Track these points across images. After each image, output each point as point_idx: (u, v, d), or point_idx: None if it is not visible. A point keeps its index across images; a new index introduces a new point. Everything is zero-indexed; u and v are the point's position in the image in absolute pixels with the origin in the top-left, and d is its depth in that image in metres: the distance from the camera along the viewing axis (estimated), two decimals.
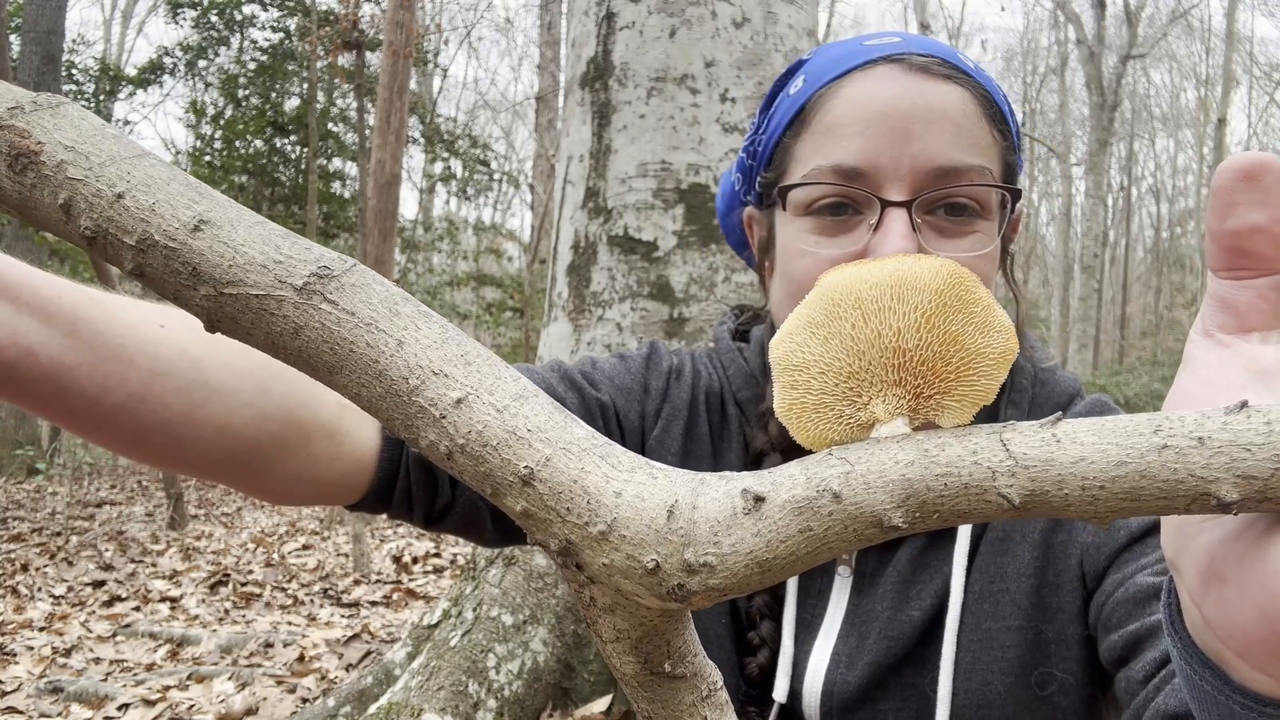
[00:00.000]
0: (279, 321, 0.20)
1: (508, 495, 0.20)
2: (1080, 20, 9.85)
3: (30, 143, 0.21)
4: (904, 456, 0.18)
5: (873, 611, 0.47)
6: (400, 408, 0.20)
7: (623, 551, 0.19)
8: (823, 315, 0.21)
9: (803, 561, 0.19)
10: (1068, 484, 0.17)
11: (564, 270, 1.56)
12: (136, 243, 0.20)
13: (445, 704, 1.31)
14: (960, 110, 0.41)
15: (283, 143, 9.82)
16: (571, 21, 1.65)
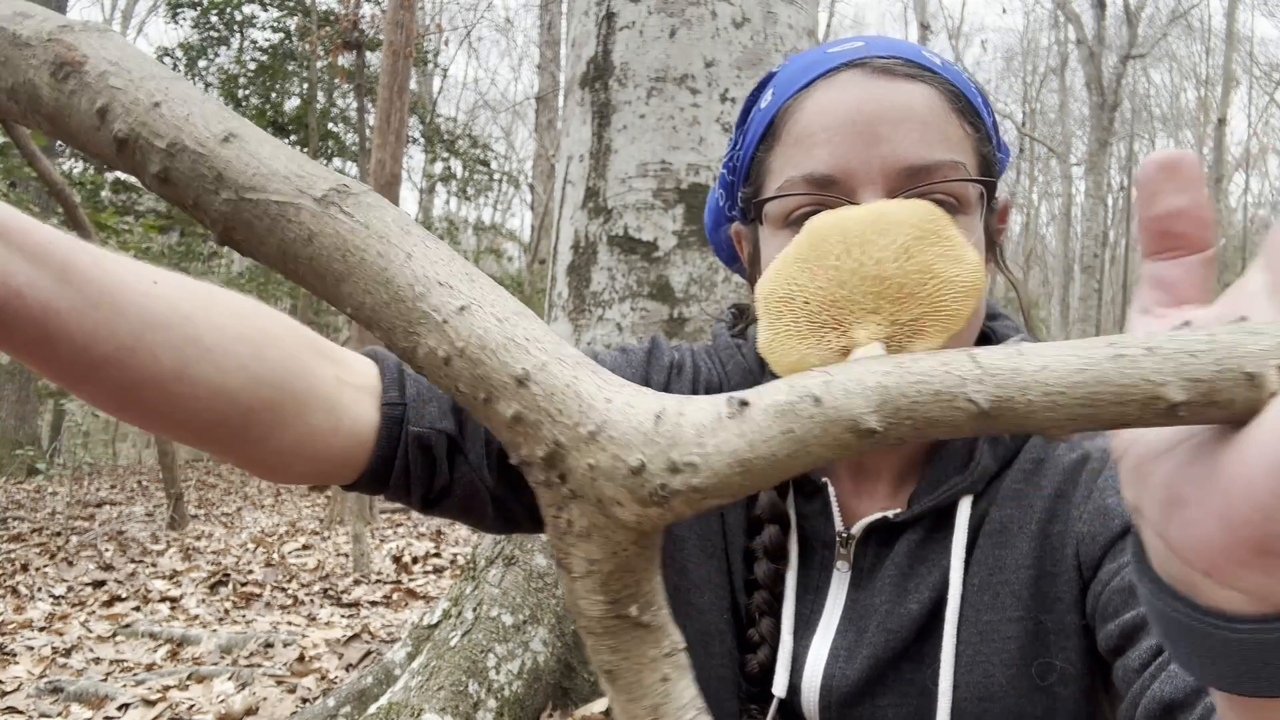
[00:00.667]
0: (294, 228, 0.21)
1: (501, 399, 0.21)
2: (1080, 20, 9.85)
3: (76, 54, 0.22)
4: (881, 368, 0.19)
5: (871, 605, 0.47)
6: (404, 314, 0.21)
7: (609, 452, 0.20)
8: (809, 250, 0.22)
9: (783, 465, 0.19)
10: (1031, 390, 0.18)
11: (564, 270, 1.56)
12: (167, 146, 0.21)
13: (445, 704, 1.31)
14: (927, 108, 0.41)
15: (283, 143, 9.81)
16: (571, 21, 1.65)
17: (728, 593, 0.50)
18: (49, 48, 0.22)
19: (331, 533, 4.28)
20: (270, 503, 5.73)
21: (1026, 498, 0.45)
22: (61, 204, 4.10)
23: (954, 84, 0.43)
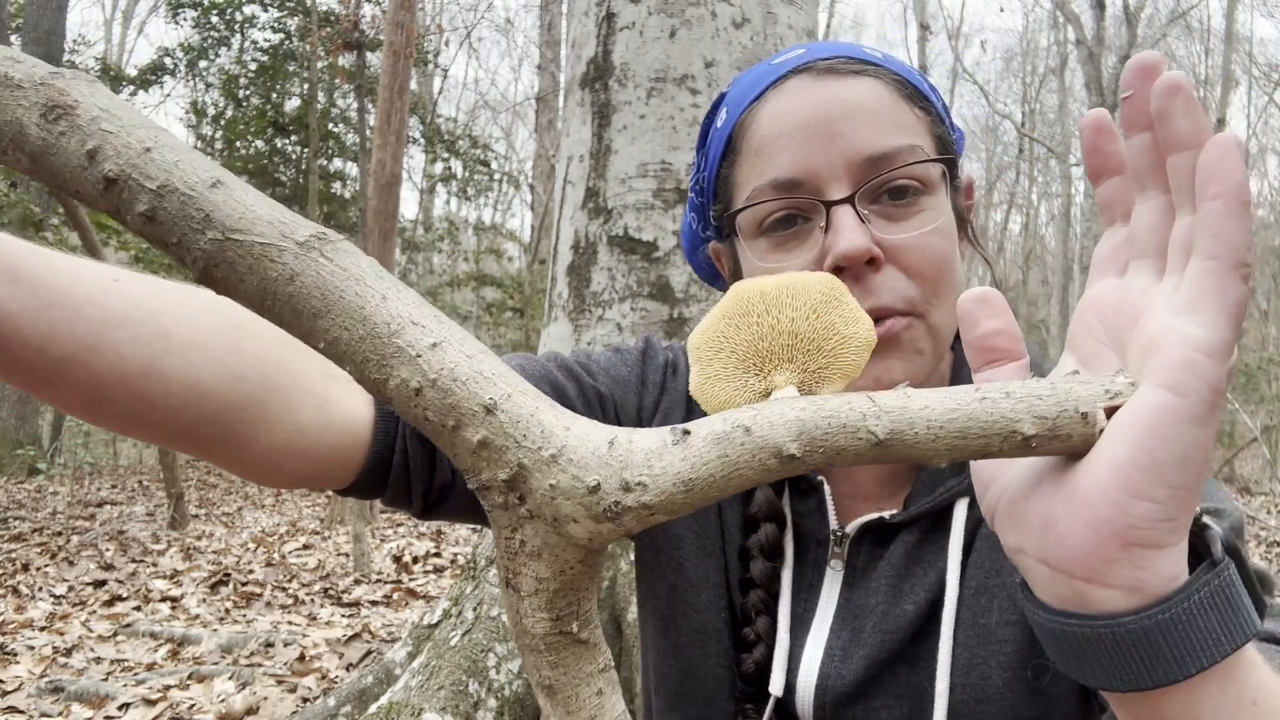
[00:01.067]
0: (276, 268, 0.23)
1: (469, 425, 0.23)
2: (1079, 21, 9.86)
3: (69, 99, 0.23)
4: (798, 405, 0.24)
5: (866, 605, 0.47)
6: (378, 349, 0.23)
7: (569, 473, 0.23)
8: (735, 310, 0.27)
9: (719, 484, 0.23)
10: (916, 424, 0.23)
11: (564, 270, 1.56)
12: (157, 188, 0.23)
13: (446, 703, 1.31)
14: (876, 99, 0.42)
15: (283, 143, 9.82)
16: (571, 22, 1.65)
17: (724, 591, 0.50)
18: (41, 90, 0.23)
19: (332, 532, 4.28)
20: (271, 502, 5.73)
21: None
22: (62, 204, 4.10)
23: (898, 73, 0.44)
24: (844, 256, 0.40)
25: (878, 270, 0.41)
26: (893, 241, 0.41)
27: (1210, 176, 0.22)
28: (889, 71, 0.44)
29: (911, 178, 0.42)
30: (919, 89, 0.45)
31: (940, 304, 0.42)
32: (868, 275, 0.41)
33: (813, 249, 0.42)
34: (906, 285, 0.41)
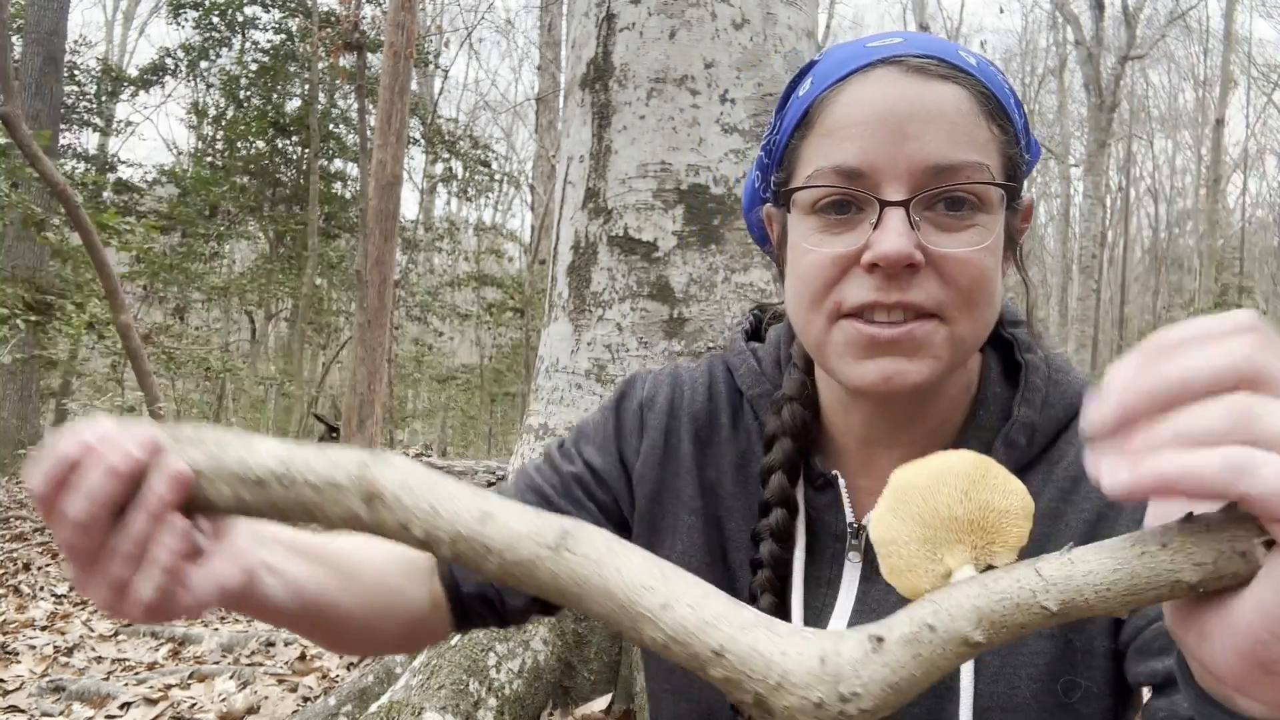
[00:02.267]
0: (543, 572, 0.30)
1: (711, 667, 0.28)
2: (1079, 21, 9.86)
3: (376, 487, 0.31)
4: (971, 592, 0.26)
5: (886, 600, 0.47)
6: (627, 616, 0.29)
7: (795, 695, 0.27)
8: (896, 504, 0.30)
9: (920, 681, 0.27)
10: (1084, 591, 0.25)
11: (564, 270, 1.56)
12: (450, 539, 0.31)
13: (446, 702, 1.32)
14: (956, 109, 0.42)
15: (284, 143, 9.83)
16: (572, 23, 1.66)
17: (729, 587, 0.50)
18: (359, 485, 0.32)
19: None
20: None
21: (1064, 516, 0.45)
22: (63, 204, 4.11)
23: (986, 85, 0.44)
24: (883, 257, 0.41)
25: (915, 272, 0.42)
26: (936, 250, 0.42)
27: None
28: (978, 82, 0.43)
29: (971, 193, 0.42)
30: (1003, 105, 0.44)
31: (969, 315, 0.43)
32: (904, 274, 0.42)
33: (859, 240, 0.42)
34: (940, 291, 0.42)
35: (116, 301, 4.25)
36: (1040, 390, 0.48)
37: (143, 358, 4.39)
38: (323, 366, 11.07)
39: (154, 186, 9.92)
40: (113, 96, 9.88)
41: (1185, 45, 17.44)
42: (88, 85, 9.60)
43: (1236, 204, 17.58)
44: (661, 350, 1.43)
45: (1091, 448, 0.26)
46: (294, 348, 9.74)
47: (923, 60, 0.43)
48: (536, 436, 1.53)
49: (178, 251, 9.16)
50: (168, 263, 8.51)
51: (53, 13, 7.38)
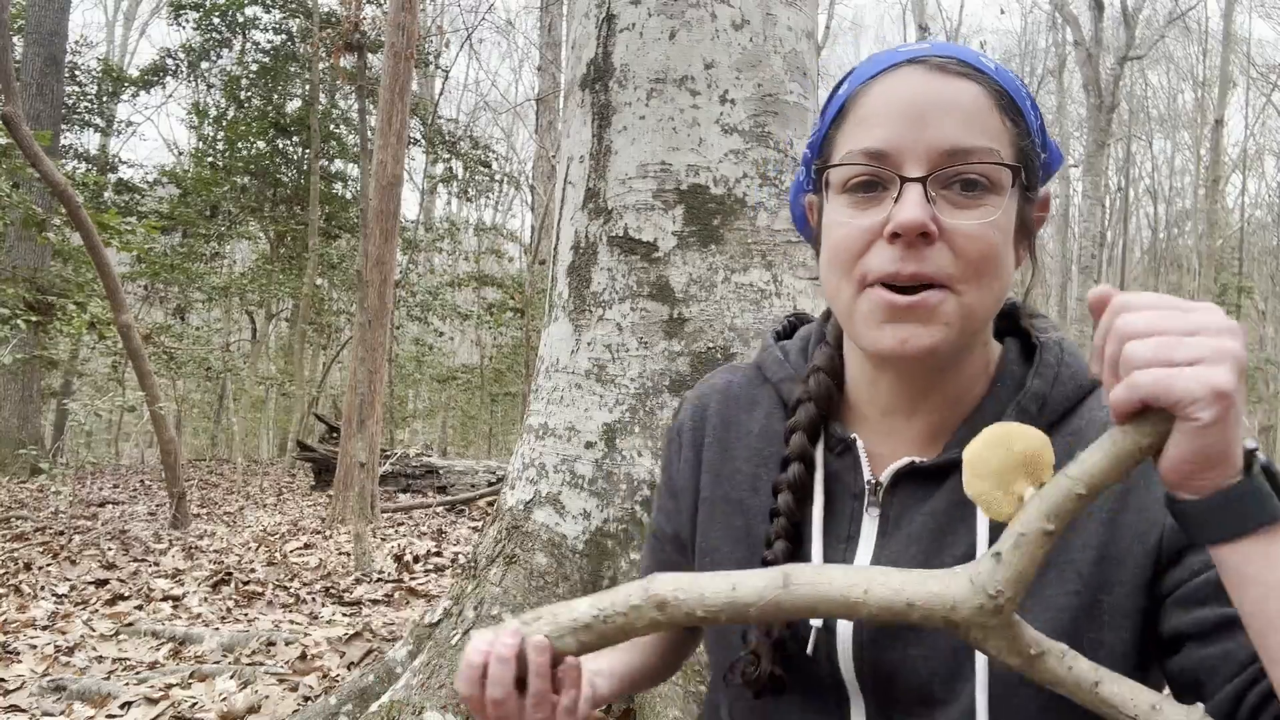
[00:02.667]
0: (785, 604, 0.41)
1: (908, 615, 0.39)
2: (1078, 22, 9.86)
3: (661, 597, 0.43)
4: (1035, 504, 0.39)
5: (904, 554, 0.51)
6: (846, 606, 0.40)
7: (966, 608, 0.39)
8: (973, 468, 0.40)
9: (1029, 568, 0.38)
10: (1094, 473, 0.38)
11: (564, 270, 1.57)
12: (721, 609, 0.42)
13: (447, 701, 1.32)
14: (971, 101, 0.48)
15: (285, 144, 9.82)
16: (572, 24, 1.66)
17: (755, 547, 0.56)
18: (650, 600, 0.42)
19: (333, 532, 4.29)
20: (272, 502, 5.74)
21: None
22: (64, 205, 4.11)
23: (1000, 84, 0.49)
24: (901, 225, 0.46)
25: (930, 244, 0.47)
26: (949, 225, 0.47)
27: None
28: (993, 81, 0.49)
29: (982, 174, 0.47)
30: (1017, 103, 0.50)
31: (977, 287, 0.48)
32: (919, 245, 0.47)
33: (882, 213, 0.48)
34: (950, 263, 0.47)
35: (117, 301, 4.26)
36: (1053, 367, 0.52)
37: (143, 358, 4.39)
38: (323, 366, 11.07)
39: (155, 187, 9.93)
40: (113, 97, 9.88)
41: (1184, 46, 17.44)
42: (89, 86, 9.60)
43: (1235, 204, 17.57)
44: (661, 350, 1.44)
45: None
46: (295, 348, 9.74)
47: (944, 60, 0.49)
48: (536, 436, 1.53)
49: (178, 252, 9.17)
50: (168, 263, 8.51)
51: (53, 13, 7.39)
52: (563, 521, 1.43)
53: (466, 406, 12.01)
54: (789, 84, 1.53)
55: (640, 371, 1.44)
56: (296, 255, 9.74)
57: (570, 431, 1.47)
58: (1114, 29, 10.82)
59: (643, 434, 1.41)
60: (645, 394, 1.43)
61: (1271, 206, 18.36)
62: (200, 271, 8.90)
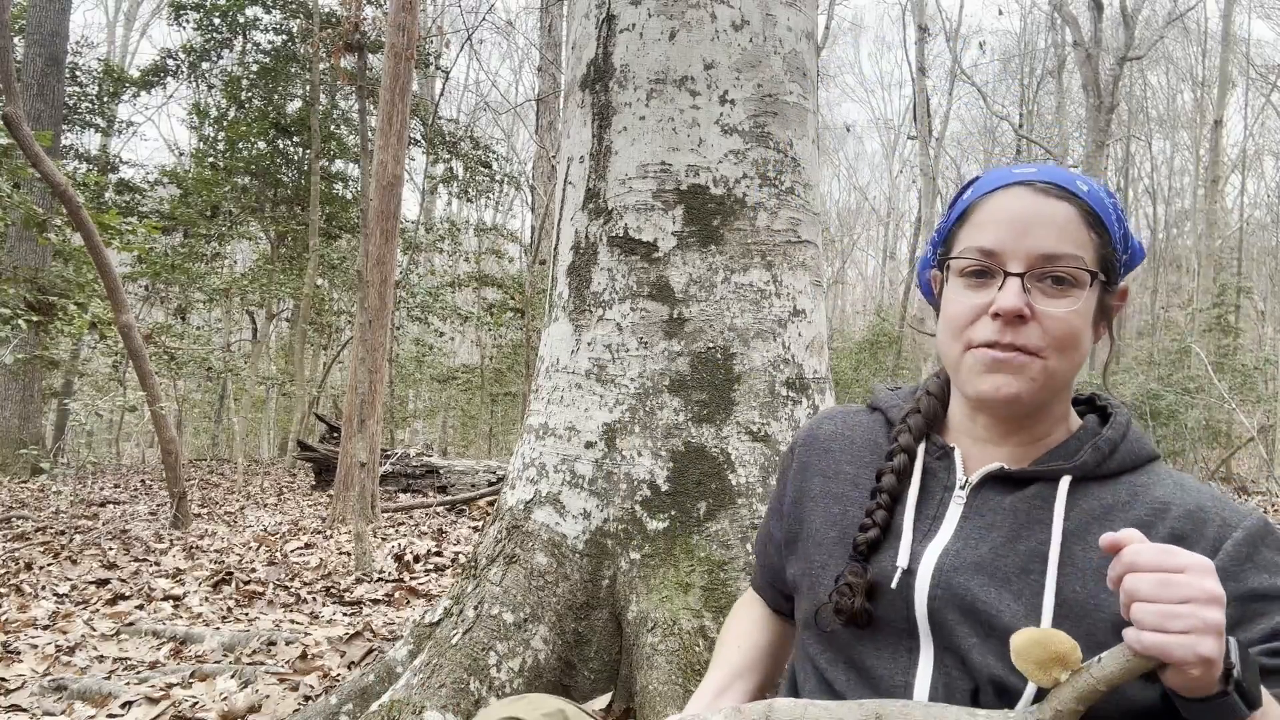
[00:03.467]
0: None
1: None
2: (1077, 22, 9.86)
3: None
4: (1067, 687, 0.52)
5: (985, 538, 0.63)
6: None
7: None
8: (1022, 656, 0.52)
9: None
10: (1109, 675, 0.50)
11: (564, 271, 1.57)
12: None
13: (447, 701, 1.32)
14: (1065, 218, 0.62)
15: (285, 144, 9.82)
16: (572, 24, 1.67)
17: (853, 516, 0.71)
18: None
19: (334, 531, 4.29)
20: (273, 502, 5.74)
21: (1151, 526, 0.61)
22: (65, 205, 4.12)
23: (1092, 205, 0.63)
24: (1002, 308, 0.60)
25: (1025, 323, 0.61)
26: (1041, 309, 0.61)
27: None
28: (1084, 202, 0.63)
29: (1067, 274, 0.61)
30: (1103, 219, 0.63)
31: (1058, 356, 0.61)
32: (1015, 323, 0.61)
33: (989, 295, 0.63)
34: (1039, 337, 0.61)
35: (118, 301, 4.26)
36: (1123, 427, 0.66)
37: (144, 358, 4.40)
38: (324, 366, 11.07)
39: (155, 187, 9.93)
40: (114, 97, 9.89)
41: (1183, 46, 17.44)
42: (89, 86, 9.60)
43: (1235, 204, 17.56)
44: (661, 350, 1.44)
45: None
46: (295, 348, 9.74)
47: (1047, 185, 0.63)
48: (536, 436, 1.54)
49: (179, 252, 9.17)
50: (169, 263, 8.51)
51: (54, 14, 7.39)
52: (563, 521, 1.44)
53: (467, 406, 12.01)
54: (789, 84, 1.53)
55: (640, 371, 1.44)
56: (297, 255, 9.74)
57: (570, 431, 1.47)
58: (1113, 29, 10.83)
59: (643, 434, 1.42)
60: (645, 394, 1.43)
61: (1271, 207, 18.36)
62: (201, 272, 8.91)
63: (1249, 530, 0.58)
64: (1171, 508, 0.61)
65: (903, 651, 0.64)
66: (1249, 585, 0.56)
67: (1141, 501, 0.62)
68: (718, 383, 1.42)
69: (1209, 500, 0.61)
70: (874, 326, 13.06)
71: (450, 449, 12.19)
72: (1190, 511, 0.60)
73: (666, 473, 1.39)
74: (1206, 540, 0.59)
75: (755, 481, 1.40)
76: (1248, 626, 0.56)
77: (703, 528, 1.37)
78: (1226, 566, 0.57)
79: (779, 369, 1.46)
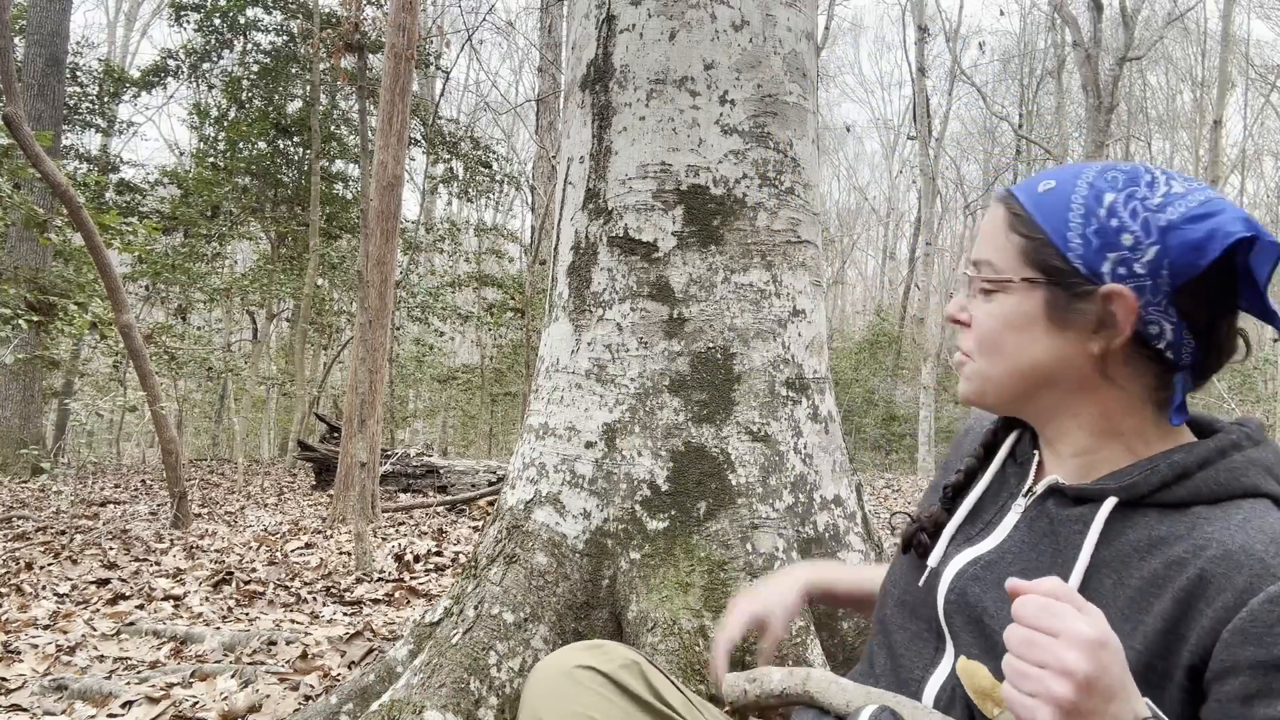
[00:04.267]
0: None
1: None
2: (1077, 23, 9.86)
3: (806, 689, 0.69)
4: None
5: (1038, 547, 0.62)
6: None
7: None
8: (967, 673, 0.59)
9: None
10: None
11: (564, 271, 1.57)
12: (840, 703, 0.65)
13: (447, 701, 1.32)
14: (991, 223, 0.63)
15: (286, 144, 9.82)
16: (572, 24, 1.67)
17: None
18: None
19: (334, 531, 4.29)
20: (273, 502, 5.75)
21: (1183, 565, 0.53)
22: (65, 205, 4.12)
23: (1022, 206, 0.61)
24: (944, 314, 0.66)
25: (966, 328, 0.64)
26: (972, 313, 0.64)
27: None
28: (1017, 204, 0.62)
29: (985, 280, 0.62)
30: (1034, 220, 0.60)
31: (983, 358, 0.63)
32: (960, 329, 0.64)
33: None
34: (969, 340, 0.64)
35: (118, 301, 4.26)
36: (1207, 453, 0.56)
37: (145, 358, 4.40)
38: (324, 366, 11.07)
39: (156, 187, 9.93)
40: (115, 97, 9.89)
41: (1183, 46, 17.43)
42: (90, 86, 9.61)
43: None
44: (661, 350, 1.44)
45: None
46: (295, 348, 9.74)
47: (1004, 192, 0.64)
48: (536, 436, 1.54)
49: (179, 252, 9.17)
50: (170, 263, 8.51)
51: (55, 14, 7.39)
52: (563, 521, 1.44)
53: (467, 406, 12.01)
54: (789, 85, 1.53)
55: (640, 371, 1.44)
56: (297, 255, 9.74)
57: (570, 431, 1.48)
58: (1113, 30, 10.82)
59: (643, 434, 1.42)
60: (645, 394, 1.43)
61: (1270, 207, 18.35)
62: (201, 272, 8.91)
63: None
64: (1210, 546, 0.51)
65: (929, 649, 0.64)
66: (1278, 651, 0.46)
67: (1190, 537, 0.53)
68: (718, 383, 1.43)
69: (1264, 543, 0.50)
70: (874, 326, 13.06)
71: (450, 449, 12.19)
72: (1229, 552, 0.50)
73: (666, 473, 1.40)
74: (1233, 590, 0.49)
75: (755, 481, 1.40)
76: (1271, 701, 0.46)
77: (703, 528, 1.37)
78: (1247, 627, 0.47)
79: (779, 369, 1.46)
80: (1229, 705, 0.48)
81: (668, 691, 0.69)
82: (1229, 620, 0.49)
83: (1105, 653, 0.44)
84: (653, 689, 0.68)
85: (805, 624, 1.32)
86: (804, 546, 1.41)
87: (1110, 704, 0.44)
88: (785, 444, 1.43)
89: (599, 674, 0.66)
